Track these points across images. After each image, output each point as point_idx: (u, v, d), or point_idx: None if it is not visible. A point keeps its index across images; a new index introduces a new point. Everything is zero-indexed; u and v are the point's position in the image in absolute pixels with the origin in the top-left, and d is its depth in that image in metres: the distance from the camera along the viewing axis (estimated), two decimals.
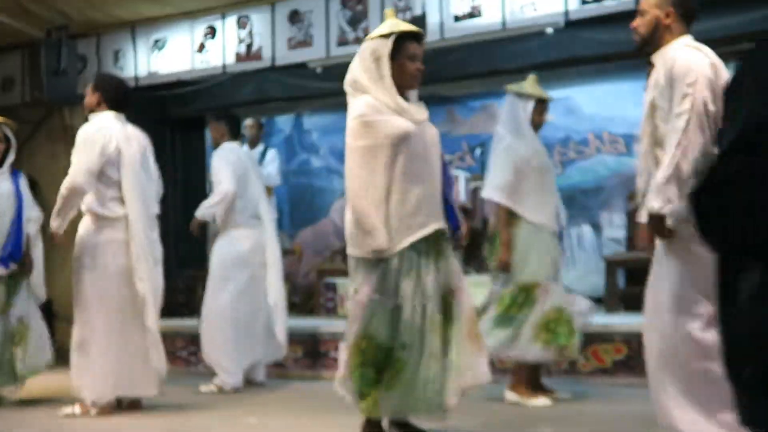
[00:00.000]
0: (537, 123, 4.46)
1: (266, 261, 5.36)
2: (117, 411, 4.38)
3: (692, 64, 2.79)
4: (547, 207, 4.42)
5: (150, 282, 4.33)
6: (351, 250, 3.11)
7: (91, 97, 4.53)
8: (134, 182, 4.39)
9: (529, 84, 4.47)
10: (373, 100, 3.05)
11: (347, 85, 3.15)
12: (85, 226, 4.42)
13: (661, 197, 2.77)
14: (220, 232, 5.41)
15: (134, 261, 4.30)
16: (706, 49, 2.91)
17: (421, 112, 3.18)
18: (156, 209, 4.62)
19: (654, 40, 2.99)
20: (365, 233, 2.99)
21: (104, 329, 4.30)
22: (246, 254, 5.30)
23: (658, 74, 2.91)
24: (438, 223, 3.16)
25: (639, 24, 3.04)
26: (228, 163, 5.27)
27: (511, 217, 4.34)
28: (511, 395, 4.38)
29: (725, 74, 2.84)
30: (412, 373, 2.99)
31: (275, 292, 5.37)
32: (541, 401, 4.32)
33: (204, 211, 5.30)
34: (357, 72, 3.12)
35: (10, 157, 4.93)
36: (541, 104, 4.46)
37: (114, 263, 4.32)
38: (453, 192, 5.98)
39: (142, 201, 4.41)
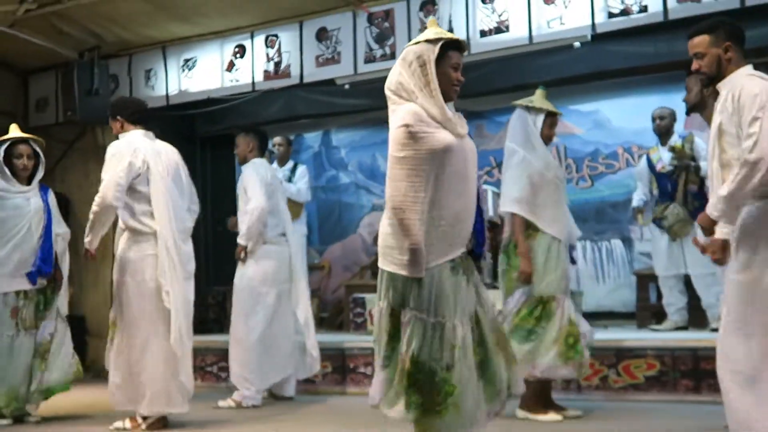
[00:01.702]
0: (547, 136, 4.46)
1: (293, 277, 5.39)
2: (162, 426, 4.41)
3: (760, 91, 2.94)
4: (561, 220, 4.42)
5: (179, 296, 4.37)
6: (385, 265, 2.90)
7: (114, 125, 4.63)
8: (163, 196, 4.43)
9: (538, 98, 4.47)
10: (420, 110, 2.89)
11: (389, 90, 2.97)
12: (122, 241, 4.48)
13: (719, 208, 2.97)
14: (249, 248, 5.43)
15: (159, 275, 4.35)
16: None
17: (462, 124, 3.02)
18: (190, 223, 4.68)
19: (720, 76, 3.16)
20: (405, 249, 2.80)
21: (143, 345, 4.35)
22: (273, 272, 5.32)
23: (725, 101, 3.05)
24: (466, 244, 3.03)
25: (701, 66, 3.19)
26: (259, 179, 5.30)
27: (528, 229, 4.34)
28: (521, 412, 4.34)
29: None
30: (459, 396, 2.83)
31: (303, 308, 5.39)
32: (551, 417, 4.27)
33: (247, 234, 5.24)
34: (402, 77, 2.94)
35: (39, 174, 5.00)
36: (551, 118, 4.46)
37: (151, 279, 4.37)
38: (483, 208, 5.99)
39: (171, 214, 4.45)
